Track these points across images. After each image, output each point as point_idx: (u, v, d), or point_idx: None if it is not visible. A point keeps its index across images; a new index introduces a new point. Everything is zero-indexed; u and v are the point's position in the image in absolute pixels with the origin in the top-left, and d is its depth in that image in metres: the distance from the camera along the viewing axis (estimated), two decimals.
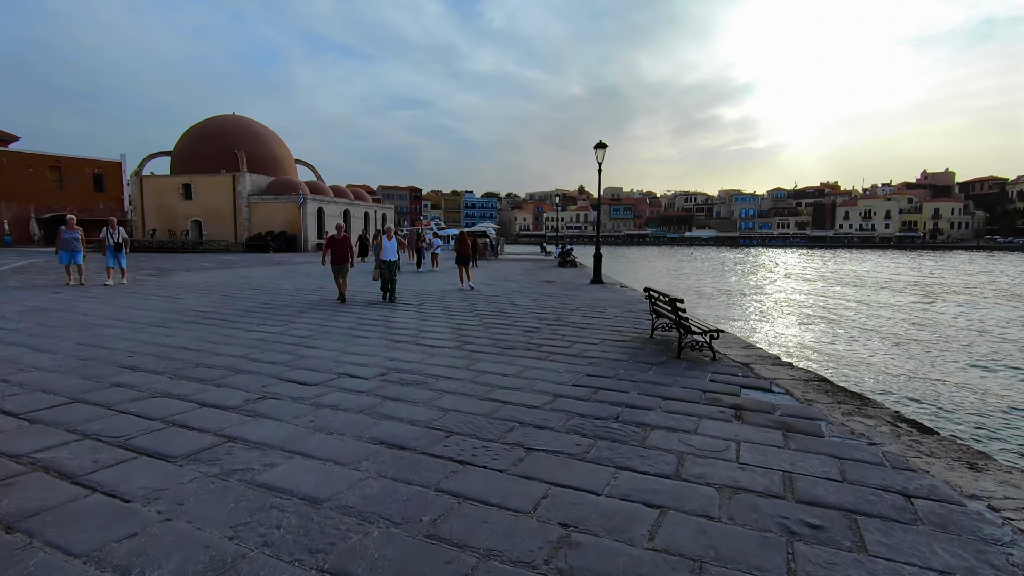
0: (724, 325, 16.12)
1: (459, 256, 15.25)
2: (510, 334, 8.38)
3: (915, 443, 4.22)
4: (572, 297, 13.74)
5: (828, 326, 17.11)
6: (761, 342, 13.94)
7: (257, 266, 24.78)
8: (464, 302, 12.22)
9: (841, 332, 16.03)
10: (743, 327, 16.66)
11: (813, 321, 17.93)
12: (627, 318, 10.35)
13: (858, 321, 18.07)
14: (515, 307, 11.58)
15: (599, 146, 17.85)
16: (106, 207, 60.32)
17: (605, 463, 3.68)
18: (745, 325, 17.24)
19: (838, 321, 18.05)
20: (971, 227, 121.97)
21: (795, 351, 13.40)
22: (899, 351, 13.41)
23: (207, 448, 3.76)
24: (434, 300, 12.56)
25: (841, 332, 16.03)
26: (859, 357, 12.75)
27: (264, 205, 46.46)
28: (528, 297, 13.49)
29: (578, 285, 17.22)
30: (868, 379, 10.65)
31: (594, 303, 12.59)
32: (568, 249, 28.83)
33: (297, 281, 17.08)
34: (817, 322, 17.65)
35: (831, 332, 16.04)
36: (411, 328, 8.75)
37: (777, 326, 17.14)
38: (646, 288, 8.55)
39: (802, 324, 17.45)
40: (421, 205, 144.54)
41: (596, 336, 8.32)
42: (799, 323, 17.82)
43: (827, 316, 19.07)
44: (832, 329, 16.62)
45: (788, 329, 16.75)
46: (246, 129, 50.41)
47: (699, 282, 34.48)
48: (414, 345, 7.39)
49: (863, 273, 41.30)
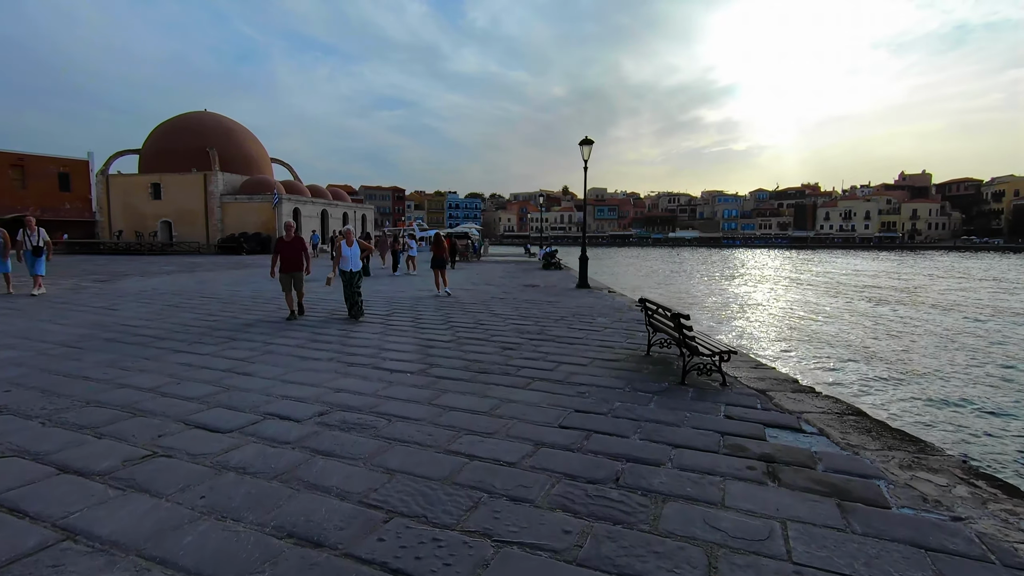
0: (723, 334, 15.20)
1: (434, 260, 14.07)
2: (485, 353, 7.25)
3: (1008, 514, 3.19)
4: (557, 304, 12.66)
5: (830, 337, 16.28)
6: (768, 357, 13.00)
7: (221, 269, 23.31)
8: (438, 312, 11.06)
9: (847, 343, 15.19)
10: (743, 336, 15.74)
11: (813, 331, 17.09)
12: (618, 330, 9.29)
13: (859, 331, 17.29)
14: (494, 317, 10.45)
15: (585, 142, 16.82)
16: (73, 207, 57.93)
17: (607, 569, 2.57)
18: (745, 333, 16.33)
19: (838, 334, 17.25)
20: (948, 228, 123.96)
21: (808, 368, 12.49)
22: (908, 361, 12.58)
23: (26, 555, 2.57)
24: (404, 310, 11.38)
25: (847, 343, 15.19)
26: (871, 372, 11.88)
27: (237, 205, 44.72)
28: (509, 305, 12.38)
29: (563, 290, 16.17)
30: (895, 402, 9.72)
31: (581, 311, 11.52)
32: (552, 251, 27.80)
33: (258, 287, 15.75)
34: (817, 333, 16.81)
35: (837, 344, 15.19)
36: (371, 347, 7.57)
37: (775, 334, 16.27)
38: (642, 299, 7.48)
39: (802, 334, 16.59)
40: (404, 206, 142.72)
41: (585, 354, 7.24)
42: (799, 333, 16.97)
43: (828, 325, 18.27)
44: (837, 340, 15.79)
45: (790, 339, 15.88)
46: (218, 126, 48.55)
47: (688, 284, 33.68)
48: (370, 370, 6.22)
49: (857, 277, 40.94)
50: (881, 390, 9.87)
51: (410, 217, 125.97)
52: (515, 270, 25.38)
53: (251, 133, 52.27)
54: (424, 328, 9.08)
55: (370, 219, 61.23)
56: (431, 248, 14.49)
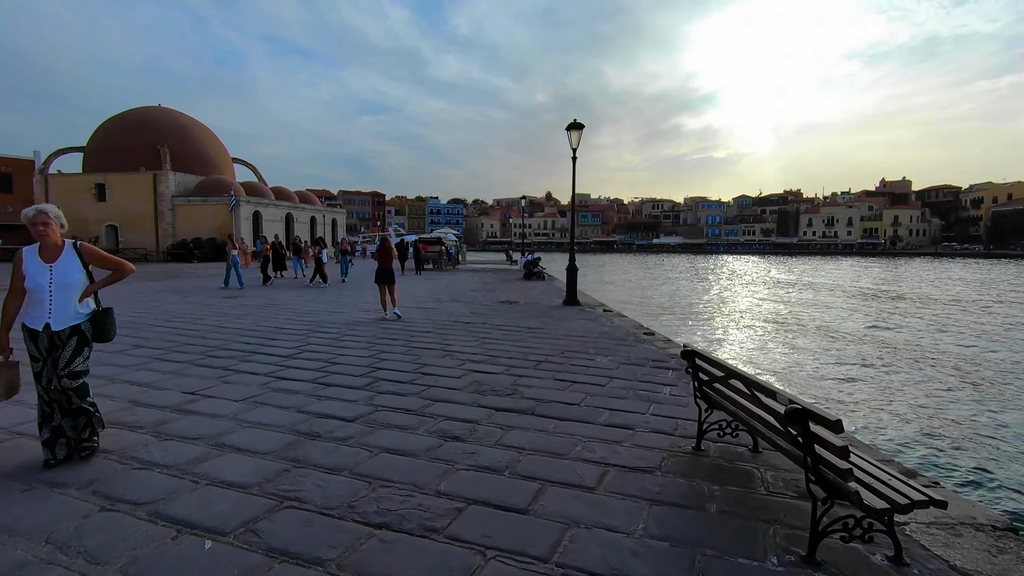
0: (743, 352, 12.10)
1: (379, 273, 10.77)
2: (408, 453, 4.01)
3: None
4: (539, 333, 9.47)
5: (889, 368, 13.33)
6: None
7: (137, 283, 19.68)
8: (367, 350, 7.77)
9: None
10: (774, 360, 12.71)
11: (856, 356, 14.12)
12: (631, 383, 6.13)
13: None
14: (445, 360, 7.21)
15: (573, 127, 13.73)
16: (15, 210, 53.48)
17: None
18: (781, 360, 13.30)
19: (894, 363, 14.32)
20: (928, 234, 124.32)
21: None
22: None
23: None
24: (321, 345, 8.07)
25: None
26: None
27: (190, 208, 40.83)
28: (475, 335, 9.14)
29: (547, 308, 12.99)
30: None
31: (571, 345, 8.35)
32: (535, 259, 24.64)
33: (137, 307, 12.29)
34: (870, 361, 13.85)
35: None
36: (204, 440, 4.27)
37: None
38: (688, 352, 4.22)
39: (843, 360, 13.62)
40: (384, 211, 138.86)
41: (587, 454, 4.03)
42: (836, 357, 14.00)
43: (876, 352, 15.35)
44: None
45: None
46: (172, 122, 44.58)
47: (685, 293, 30.79)
48: (149, 526, 2.95)
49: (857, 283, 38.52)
50: None
51: (390, 223, 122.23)
52: (493, 281, 22.16)
53: (209, 130, 48.36)
54: (321, 392, 5.79)
55: (341, 223, 57.54)
56: (376, 256, 11.17)
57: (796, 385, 10.42)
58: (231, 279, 17.72)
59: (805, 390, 10.03)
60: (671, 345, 8.61)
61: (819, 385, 10.43)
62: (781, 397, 2.84)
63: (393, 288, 10.88)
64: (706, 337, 15.69)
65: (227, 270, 17.87)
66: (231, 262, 17.77)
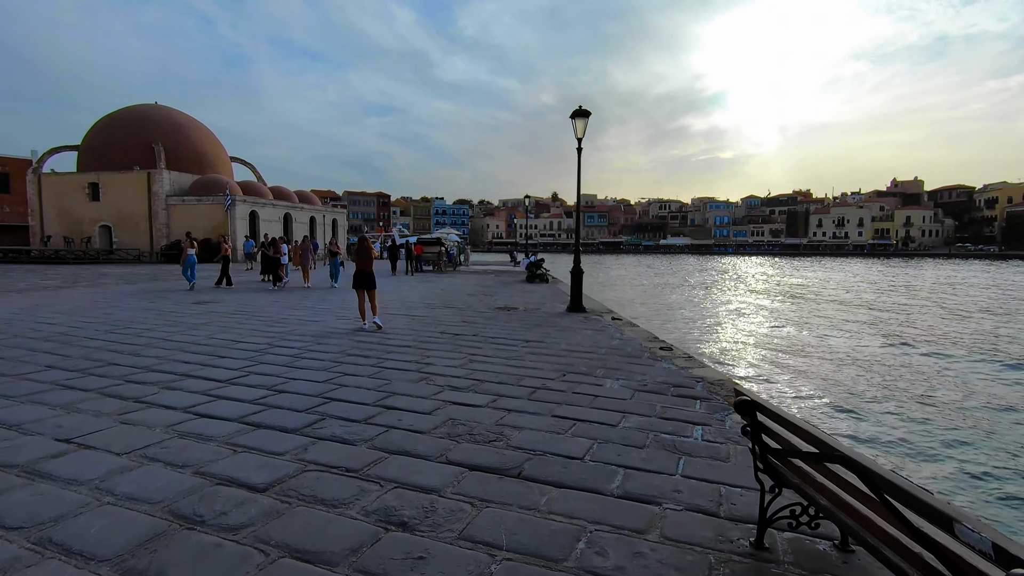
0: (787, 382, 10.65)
1: (357, 277, 9.45)
2: (321, 559, 2.67)
3: None
4: (537, 348, 8.12)
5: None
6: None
7: (114, 285, 18.49)
8: (326, 373, 6.43)
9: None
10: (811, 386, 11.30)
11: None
12: (652, 421, 4.77)
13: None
14: (419, 387, 5.87)
15: (579, 114, 12.37)
16: (12, 211, 52.70)
17: None
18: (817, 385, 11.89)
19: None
20: (941, 235, 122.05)
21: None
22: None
23: None
24: (271, 366, 6.75)
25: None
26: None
27: (185, 208, 39.75)
28: (462, 350, 7.79)
29: (549, 316, 11.64)
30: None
31: (575, 365, 6.99)
32: (538, 260, 23.27)
33: (104, 315, 11.04)
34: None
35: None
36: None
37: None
38: (746, 402, 2.82)
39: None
40: (389, 211, 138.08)
41: (598, 559, 2.69)
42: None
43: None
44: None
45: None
46: (167, 120, 43.54)
47: (698, 297, 29.35)
48: None
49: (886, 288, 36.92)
50: None
51: (395, 223, 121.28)
52: (493, 284, 20.83)
53: (207, 129, 47.34)
54: (246, 433, 4.47)
55: (342, 223, 56.40)
56: (354, 258, 9.82)
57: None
58: (192, 277, 16.73)
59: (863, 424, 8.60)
60: (693, 364, 7.24)
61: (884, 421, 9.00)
62: (966, 528, 1.48)
63: (374, 294, 9.55)
64: (732, 354, 14.18)
65: (184, 269, 16.77)
66: (185, 260, 16.59)
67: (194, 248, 16.90)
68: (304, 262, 17.62)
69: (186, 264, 16.64)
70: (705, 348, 14.45)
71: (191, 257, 16.73)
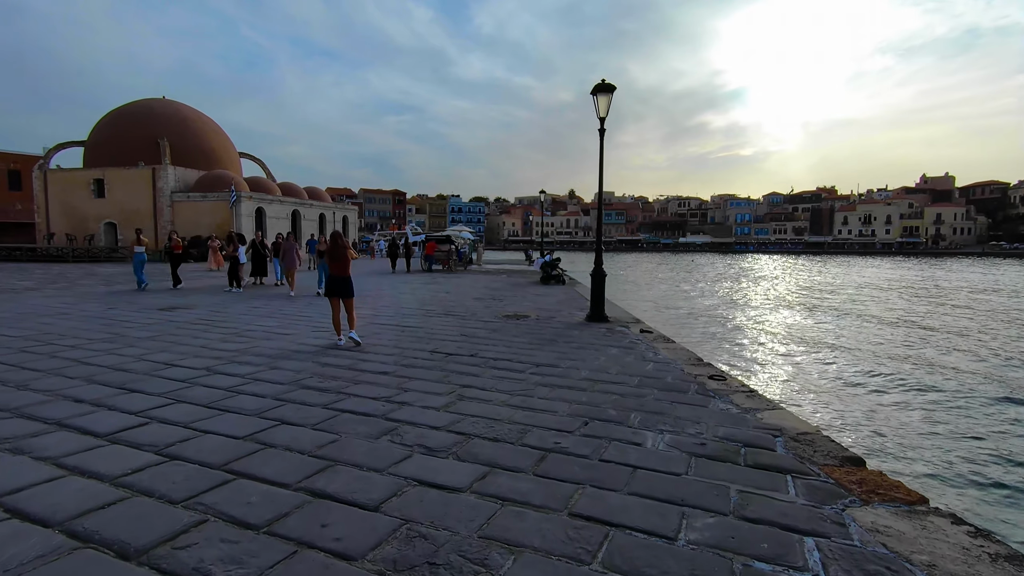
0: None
1: (330, 283, 7.72)
2: None
3: None
4: (550, 377, 6.32)
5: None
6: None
7: (99, 286, 17.08)
8: (253, 420, 4.72)
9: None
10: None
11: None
12: (728, 529, 2.96)
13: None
14: (377, 450, 4.11)
15: (601, 89, 10.52)
16: (24, 208, 52.33)
17: None
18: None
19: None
20: (973, 232, 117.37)
21: None
22: None
23: None
24: (191, 405, 5.04)
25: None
26: None
27: (189, 205, 38.65)
28: (450, 383, 6.01)
29: (565, 328, 9.81)
30: None
31: (600, 407, 5.17)
32: (554, 260, 21.43)
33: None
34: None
35: None
36: None
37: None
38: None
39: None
40: (404, 209, 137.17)
41: None
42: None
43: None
44: None
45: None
46: (173, 115, 42.50)
47: (733, 302, 27.27)
48: None
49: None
50: None
51: (410, 221, 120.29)
52: (504, 286, 19.06)
53: (214, 123, 46.29)
54: (85, 547, 2.76)
55: (353, 221, 55.09)
56: (325, 257, 8.01)
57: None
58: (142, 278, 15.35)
59: None
60: (759, 403, 5.37)
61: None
62: None
63: (351, 303, 7.81)
64: (793, 383, 11.78)
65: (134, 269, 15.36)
66: (134, 259, 15.20)
67: (141, 245, 15.37)
68: (288, 265, 15.39)
69: (134, 263, 15.12)
70: (758, 372, 12.39)
71: (139, 255, 15.17)
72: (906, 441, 8.01)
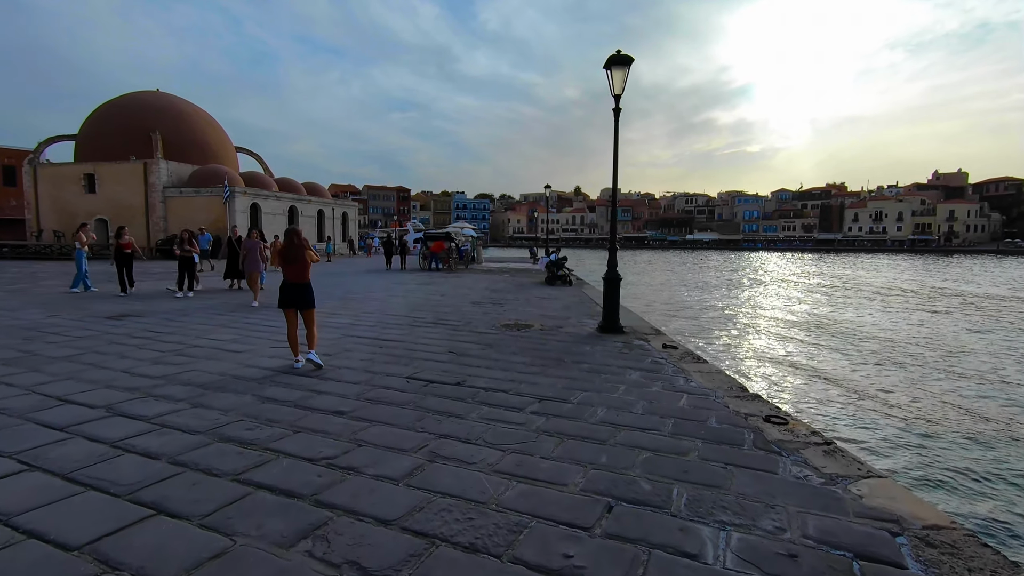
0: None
1: (285, 291, 6.24)
2: None
3: None
4: (556, 419, 4.83)
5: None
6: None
7: (47, 287, 15.70)
8: (117, 504, 3.25)
9: None
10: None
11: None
12: None
13: None
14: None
15: (616, 62, 9.00)
16: (19, 204, 51.22)
17: None
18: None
19: None
20: (987, 230, 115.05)
21: None
22: None
23: None
24: (42, 474, 3.60)
25: None
26: None
27: (183, 200, 37.30)
28: (424, 429, 4.54)
29: (574, 341, 8.31)
30: None
31: (629, 479, 3.67)
32: (560, 259, 19.91)
33: None
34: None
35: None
36: None
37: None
38: None
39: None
40: (408, 206, 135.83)
41: None
42: None
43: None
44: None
45: None
46: (167, 108, 41.13)
47: (755, 304, 25.72)
48: None
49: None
50: None
51: (413, 218, 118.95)
52: (505, 287, 17.57)
53: (210, 116, 44.93)
54: None
55: (353, 217, 53.69)
56: (278, 262, 6.44)
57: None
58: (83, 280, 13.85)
59: None
60: (848, 464, 3.86)
61: None
62: None
63: (311, 316, 6.32)
64: (863, 417, 9.11)
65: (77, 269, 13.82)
66: (76, 258, 13.80)
67: (84, 245, 13.93)
68: (251, 268, 12.74)
69: (76, 261, 13.65)
70: (811, 401, 9.80)
71: (79, 253, 13.68)
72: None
